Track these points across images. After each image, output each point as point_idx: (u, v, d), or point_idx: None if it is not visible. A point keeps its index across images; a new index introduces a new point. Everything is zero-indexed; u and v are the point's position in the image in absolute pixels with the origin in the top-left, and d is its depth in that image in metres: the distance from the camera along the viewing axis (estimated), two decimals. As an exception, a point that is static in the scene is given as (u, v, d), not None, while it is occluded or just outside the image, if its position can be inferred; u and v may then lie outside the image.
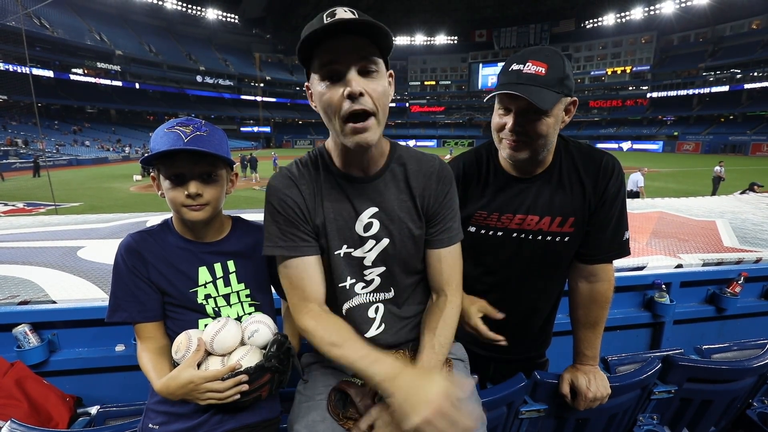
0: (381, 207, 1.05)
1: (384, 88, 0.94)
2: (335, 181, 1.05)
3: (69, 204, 12.75)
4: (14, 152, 29.64)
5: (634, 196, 12.50)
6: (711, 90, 51.62)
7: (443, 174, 1.10)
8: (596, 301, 1.33)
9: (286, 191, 1.02)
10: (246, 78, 63.38)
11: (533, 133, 1.16)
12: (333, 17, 0.86)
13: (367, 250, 1.06)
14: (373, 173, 1.05)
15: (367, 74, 0.91)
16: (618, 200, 1.27)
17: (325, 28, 0.84)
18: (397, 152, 1.10)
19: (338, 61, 0.88)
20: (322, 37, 0.86)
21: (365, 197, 1.05)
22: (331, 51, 0.88)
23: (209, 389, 1.00)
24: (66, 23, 44.17)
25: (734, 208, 4.04)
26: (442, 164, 1.12)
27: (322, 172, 1.06)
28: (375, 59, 0.91)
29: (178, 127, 1.03)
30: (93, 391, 1.81)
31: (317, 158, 1.07)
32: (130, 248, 1.09)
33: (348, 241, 1.05)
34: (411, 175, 1.07)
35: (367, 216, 1.05)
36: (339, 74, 0.89)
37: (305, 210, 1.03)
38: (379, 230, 1.05)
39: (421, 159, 1.10)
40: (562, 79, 1.14)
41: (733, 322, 2.49)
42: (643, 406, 1.51)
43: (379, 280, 1.10)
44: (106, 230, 3.15)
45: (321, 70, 0.91)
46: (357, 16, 0.86)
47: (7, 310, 1.74)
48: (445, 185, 1.10)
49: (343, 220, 1.04)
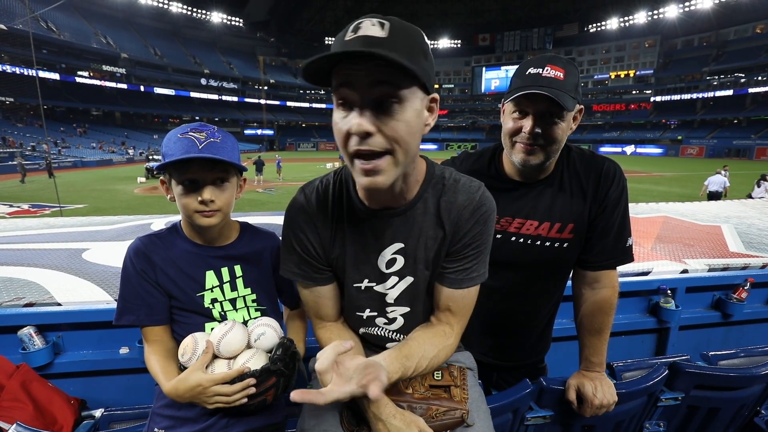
0: (407, 243, 0.96)
1: (408, 121, 0.77)
2: (358, 216, 0.96)
3: (74, 206, 12.81)
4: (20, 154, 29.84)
5: (716, 197, 12.42)
6: (715, 94, 51.55)
7: (481, 209, 0.94)
8: (601, 307, 1.32)
9: (303, 227, 0.97)
10: (250, 81, 63.71)
11: (550, 137, 1.16)
12: (357, 32, 0.73)
13: (389, 287, 1.01)
14: (402, 204, 0.94)
15: (386, 107, 0.75)
16: (619, 206, 1.27)
17: (331, 58, 0.71)
18: (434, 178, 0.96)
19: (350, 88, 0.75)
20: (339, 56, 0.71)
21: (390, 231, 0.96)
22: (342, 75, 0.74)
23: (217, 392, 1.00)
24: (72, 26, 44.59)
25: (739, 213, 4.02)
26: (484, 197, 0.96)
27: (345, 204, 0.97)
28: (396, 89, 0.75)
29: (192, 133, 1.03)
30: (97, 394, 1.81)
31: (341, 187, 0.98)
32: (138, 251, 1.10)
33: (369, 276, 1.00)
34: (443, 210, 0.95)
35: (390, 252, 0.97)
36: (351, 103, 0.76)
37: (319, 249, 0.98)
38: (402, 267, 0.98)
39: (459, 188, 0.95)
40: (576, 86, 1.15)
41: (739, 328, 2.47)
42: (650, 413, 1.50)
43: (402, 321, 1.05)
44: (111, 232, 3.16)
45: (335, 93, 0.77)
46: (385, 31, 0.73)
47: (13, 312, 1.74)
48: (479, 223, 0.95)
49: (364, 255, 0.98)
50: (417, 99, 0.79)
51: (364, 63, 0.71)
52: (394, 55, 0.68)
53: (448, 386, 1.05)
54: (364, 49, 0.69)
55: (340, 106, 0.78)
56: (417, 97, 0.79)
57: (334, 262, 1.00)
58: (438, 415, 0.99)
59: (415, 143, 0.82)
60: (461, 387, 1.06)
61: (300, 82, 68.48)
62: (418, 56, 0.76)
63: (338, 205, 0.97)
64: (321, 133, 66.95)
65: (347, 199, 0.97)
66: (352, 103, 0.76)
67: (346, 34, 0.74)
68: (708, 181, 13.09)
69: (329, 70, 0.76)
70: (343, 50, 0.70)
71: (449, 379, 1.06)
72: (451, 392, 1.04)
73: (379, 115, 0.75)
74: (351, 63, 0.72)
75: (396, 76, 0.73)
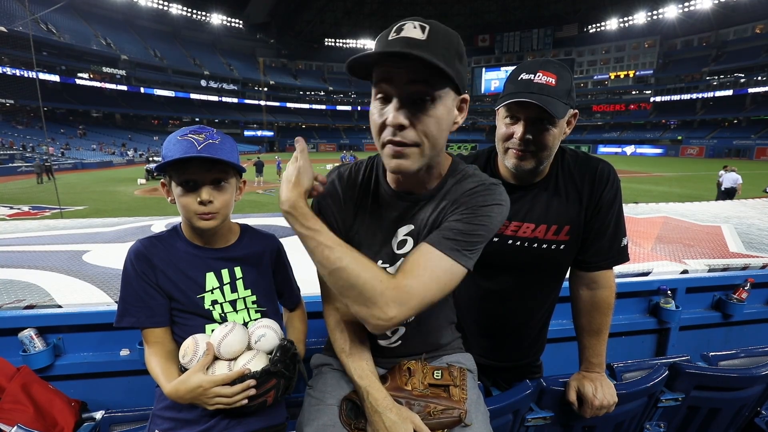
0: (416, 224, 1.01)
1: (439, 118, 0.84)
2: (381, 197, 1.03)
3: (74, 207, 12.80)
4: (20, 156, 29.90)
5: (731, 194, 12.44)
6: (715, 94, 51.60)
7: (481, 198, 0.94)
8: (599, 308, 1.33)
9: (329, 199, 1.04)
10: (250, 82, 63.81)
11: (541, 143, 1.16)
12: (399, 33, 0.80)
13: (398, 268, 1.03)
14: (424, 192, 1.00)
15: (420, 103, 0.82)
16: (614, 207, 1.27)
17: (375, 56, 0.79)
18: (456, 174, 1.01)
19: (389, 83, 0.82)
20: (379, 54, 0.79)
21: (407, 214, 1.01)
22: (382, 72, 0.83)
23: (217, 394, 1.00)
24: (72, 28, 44.69)
25: (739, 213, 4.02)
26: (490, 188, 0.96)
27: (372, 187, 1.04)
28: (431, 89, 0.82)
29: (191, 135, 1.05)
30: (98, 396, 1.80)
31: (371, 171, 1.05)
32: (139, 254, 1.10)
33: (383, 257, 1.03)
34: (450, 193, 0.99)
35: (402, 233, 1.02)
36: (388, 97, 0.84)
37: (340, 221, 1.04)
38: (411, 249, 1.00)
39: (470, 180, 0.99)
40: (569, 91, 1.15)
41: (740, 328, 2.47)
42: (650, 414, 1.50)
43: None
44: (111, 234, 3.16)
45: (375, 87, 0.86)
46: (425, 34, 0.79)
47: (13, 315, 1.74)
48: (473, 198, 0.95)
49: (380, 234, 1.03)
50: (449, 98, 0.86)
51: (404, 63, 0.78)
52: (432, 57, 0.76)
53: (448, 386, 1.06)
54: (405, 50, 0.76)
55: (378, 99, 0.86)
56: (449, 97, 0.86)
57: (352, 237, 1.04)
58: (435, 413, 1.00)
59: (443, 139, 0.89)
60: (460, 387, 1.06)
61: (300, 84, 68.62)
62: (453, 59, 0.82)
63: (366, 185, 1.04)
64: (321, 135, 67.00)
65: (375, 183, 1.04)
66: (389, 98, 0.84)
67: (390, 34, 0.82)
68: (722, 178, 13.12)
69: (371, 66, 0.84)
70: (386, 50, 0.78)
71: (449, 379, 1.07)
72: (450, 392, 1.05)
73: (413, 110, 0.82)
74: (392, 62, 0.80)
75: (432, 77, 0.80)
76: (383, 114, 0.85)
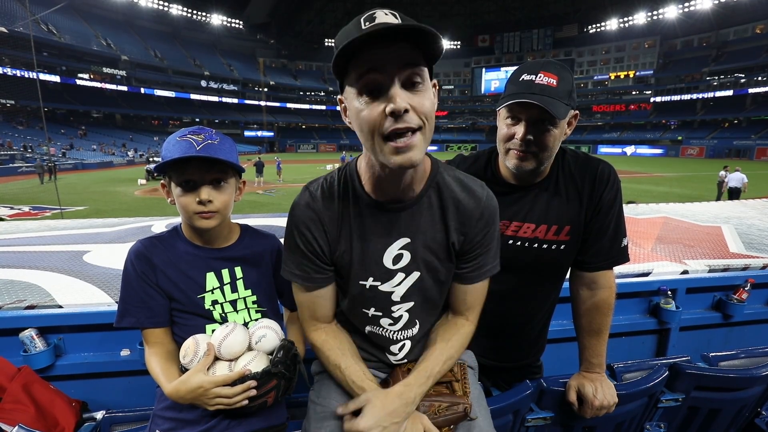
0: (413, 238, 0.97)
1: (431, 99, 0.83)
2: (364, 210, 0.97)
3: (74, 208, 12.82)
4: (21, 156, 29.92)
5: (737, 193, 12.46)
6: (715, 94, 51.59)
7: (487, 211, 0.98)
8: (599, 308, 1.33)
9: (309, 225, 0.96)
10: (250, 83, 63.87)
11: (542, 144, 1.17)
12: (372, 21, 0.75)
13: (395, 284, 1.00)
14: (408, 199, 0.95)
15: (413, 86, 0.80)
16: (614, 207, 1.28)
17: (365, 37, 0.72)
18: (437, 175, 0.98)
19: (380, 71, 0.77)
20: (360, 46, 0.75)
21: (397, 226, 0.96)
22: (370, 60, 0.77)
23: (218, 394, 1.00)
24: (73, 29, 44.72)
25: (739, 214, 4.01)
26: (489, 198, 1.00)
27: (350, 199, 0.97)
28: (421, 69, 0.80)
29: (190, 136, 1.05)
30: (98, 396, 1.81)
31: (347, 182, 0.98)
32: (139, 254, 1.11)
33: (374, 274, 0.99)
34: (448, 209, 0.97)
35: (397, 247, 0.97)
36: (380, 87, 0.79)
37: (325, 246, 0.98)
38: (409, 263, 0.98)
39: (463, 188, 0.99)
40: (570, 92, 1.15)
41: (740, 328, 2.47)
42: (650, 415, 1.50)
43: (407, 316, 1.05)
44: (112, 234, 3.17)
45: (358, 83, 0.80)
46: (399, 18, 0.76)
47: (14, 315, 1.74)
48: (488, 224, 0.99)
49: (369, 253, 0.98)
50: (429, 81, 0.84)
51: (395, 45, 0.76)
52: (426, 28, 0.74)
53: (450, 381, 1.06)
54: (402, 24, 0.74)
55: (364, 95, 0.80)
56: (429, 79, 0.84)
57: (339, 259, 1.00)
58: (441, 411, 1.00)
59: (434, 124, 0.87)
60: (462, 381, 1.06)
61: (300, 84, 68.61)
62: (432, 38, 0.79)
63: (344, 200, 0.98)
64: (321, 135, 67.03)
65: (353, 194, 0.97)
66: (381, 88, 0.79)
67: (362, 25, 0.76)
68: (728, 178, 13.17)
69: (351, 57, 0.78)
70: (380, 25, 0.73)
71: (449, 375, 1.06)
72: (453, 387, 1.05)
73: (409, 94, 0.80)
74: (381, 46, 0.76)
75: (418, 59, 0.79)
76: (377, 106, 0.79)
